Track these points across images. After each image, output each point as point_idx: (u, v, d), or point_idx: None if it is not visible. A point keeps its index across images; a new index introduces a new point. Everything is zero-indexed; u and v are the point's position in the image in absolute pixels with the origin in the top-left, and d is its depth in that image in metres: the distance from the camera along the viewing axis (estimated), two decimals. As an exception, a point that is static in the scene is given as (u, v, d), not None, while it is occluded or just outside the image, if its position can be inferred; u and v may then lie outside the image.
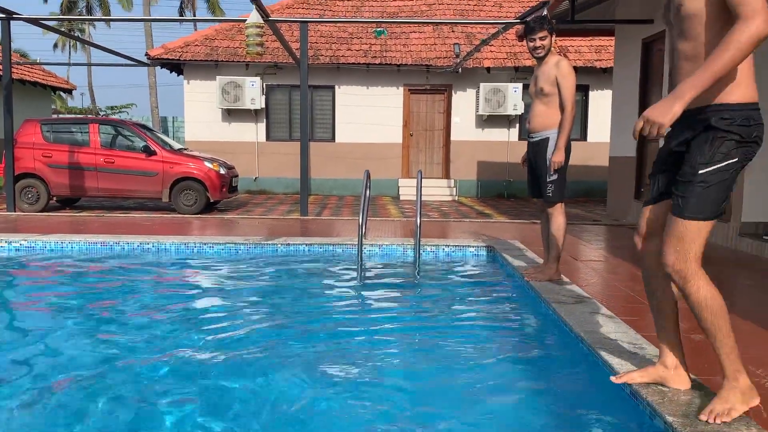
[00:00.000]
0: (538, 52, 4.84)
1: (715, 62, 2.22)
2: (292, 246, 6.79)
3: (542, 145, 4.88)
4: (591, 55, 15.37)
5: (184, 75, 15.50)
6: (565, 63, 4.81)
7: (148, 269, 6.15)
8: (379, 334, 4.12)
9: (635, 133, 2.39)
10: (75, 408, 2.90)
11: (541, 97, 4.86)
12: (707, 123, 2.38)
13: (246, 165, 15.06)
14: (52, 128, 11.25)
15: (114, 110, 38.17)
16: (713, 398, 2.51)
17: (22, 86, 19.09)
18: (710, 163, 2.37)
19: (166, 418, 2.80)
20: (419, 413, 2.92)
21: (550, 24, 4.83)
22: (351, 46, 15.61)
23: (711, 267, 6.21)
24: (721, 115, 2.36)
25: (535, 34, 4.80)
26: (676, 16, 2.46)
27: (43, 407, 2.92)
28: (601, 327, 3.64)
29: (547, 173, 4.86)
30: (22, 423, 2.77)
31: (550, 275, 4.95)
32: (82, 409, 2.88)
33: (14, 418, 2.81)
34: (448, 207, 12.86)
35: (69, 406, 2.92)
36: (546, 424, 2.85)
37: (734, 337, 2.49)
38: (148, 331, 4.10)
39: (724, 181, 2.39)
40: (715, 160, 2.37)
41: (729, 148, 2.36)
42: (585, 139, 15.46)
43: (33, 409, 2.90)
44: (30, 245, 6.77)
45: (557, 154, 4.78)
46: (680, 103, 2.27)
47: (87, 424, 2.76)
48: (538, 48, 4.82)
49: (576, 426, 2.79)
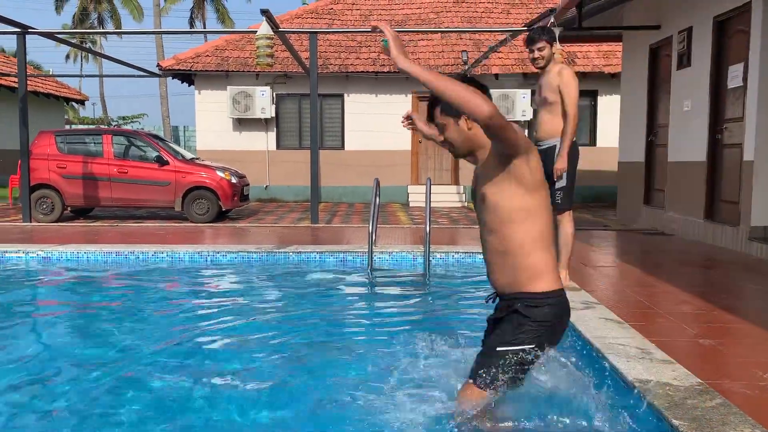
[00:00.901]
0: (538, 63, 4.93)
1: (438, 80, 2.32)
2: (303, 254, 6.87)
3: (550, 152, 4.93)
4: (599, 61, 15.40)
5: (195, 85, 15.67)
6: (567, 71, 4.87)
7: (162, 278, 6.25)
8: (390, 339, 4.17)
9: None
10: (94, 414, 2.98)
11: (546, 105, 4.93)
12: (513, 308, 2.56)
13: (257, 173, 15.17)
14: (66, 139, 11.41)
15: (126, 120, 38.54)
16: None
17: (35, 98, 19.37)
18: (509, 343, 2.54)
19: (188, 413, 2.87)
20: (427, 413, 2.98)
21: (550, 34, 4.90)
22: (360, 55, 15.73)
23: (719, 271, 6.25)
24: (525, 302, 2.54)
25: (534, 44, 4.89)
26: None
27: (61, 415, 3.01)
28: (610, 332, 3.69)
29: (555, 180, 4.91)
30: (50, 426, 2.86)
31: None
32: (98, 415, 2.96)
33: (41, 421, 2.89)
34: (457, 213, 12.91)
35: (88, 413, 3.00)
36: (550, 426, 2.90)
37: None
38: (165, 339, 4.18)
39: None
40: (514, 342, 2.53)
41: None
42: (594, 144, 15.46)
43: (47, 415, 2.99)
44: (46, 255, 6.89)
45: (559, 162, 4.84)
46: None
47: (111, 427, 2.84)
48: (537, 59, 4.91)
49: (580, 429, 2.84)
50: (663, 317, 4.21)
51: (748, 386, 2.93)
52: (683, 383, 2.88)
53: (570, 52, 15.52)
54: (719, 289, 5.21)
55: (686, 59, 8.49)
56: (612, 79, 15.01)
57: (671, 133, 8.97)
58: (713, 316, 4.27)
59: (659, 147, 9.56)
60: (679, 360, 3.20)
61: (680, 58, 8.65)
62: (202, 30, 15.88)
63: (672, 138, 8.96)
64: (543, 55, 4.89)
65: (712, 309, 4.45)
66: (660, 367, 3.08)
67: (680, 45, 8.62)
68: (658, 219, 9.33)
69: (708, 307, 4.52)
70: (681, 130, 8.66)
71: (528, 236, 2.59)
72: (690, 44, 8.38)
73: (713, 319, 4.17)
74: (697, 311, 4.40)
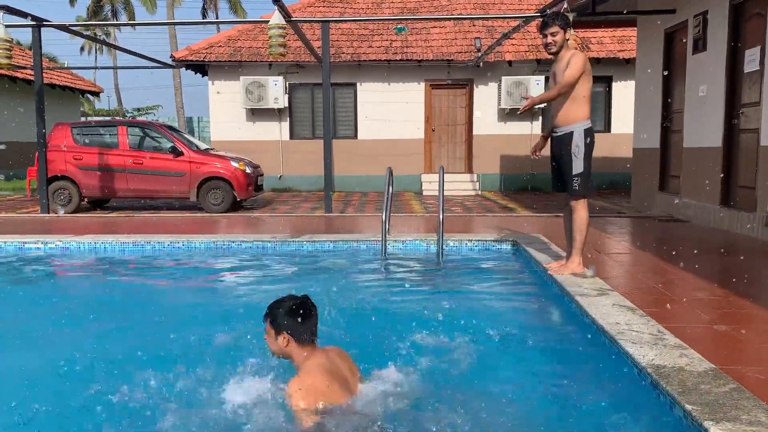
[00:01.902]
0: (550, 48, 4.89)
1: None
2: (318, 243, 6.91)
3: (566, 139, 4.92)
4: (614, 46, 15.25)
5: (209, 76, 15.73)
6: (579, 56, 4.84)
7: (179, 267, 6.32)
8: (403, 325, 4.20)
9: None
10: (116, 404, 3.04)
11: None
12: None
13: (271, 163, 15.23)
14: (82, 131, 11.53)
15: (140, 112, 38.73)
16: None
17: (52, 90, 19.54)
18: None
19: (205, 389, 2.93)
20: (440, 395, 3.01)
21: (564, 20, 4.86)
22: (372, 43, 15.69)
23: (736, 257, 6.21)
24: None
25: (547, 29, 4.86)
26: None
27: (85, 407, 3.07)
28: (623, 318, 3.69)
29: (572, 168, 4.91)
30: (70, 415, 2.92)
31: (572, 269, 4.99)
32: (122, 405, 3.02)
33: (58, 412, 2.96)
34: (471, 202, 12.90)
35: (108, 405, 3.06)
36: (566, 413, 2.92)
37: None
38: (186, 327, 4.24)
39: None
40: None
41: None
42: (609, 131, 15.35)
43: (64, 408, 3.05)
44: (65, 246, 6.99)
45: (529, 101, 4.95)
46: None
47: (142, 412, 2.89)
48: (549, 44, 4.88)
49: (596, 415, 2.86)
50: (677, 304, 4.20)
51: (762, 371, 2.93)
52: (696, 368, 2.88)
53: (584, 38, 15.38)
54: (735, 276, 5.18)
55: (702, 43, 8.39)
56: (627, 65, 14.87)
57: (686, 118, 8.88)
58: (728, 302, 4.25)
59: (674, 133, 9.48)
60: (693, 346, 3.20)
61: (696, 42, 8.55)
62: (215, 20, 15.90)
63: (687, 123, 8.88)
64: (556, 41, 4.85)
65: (727, 295, 4.43)
66: (673, 353, 3.09)
67: (696, 29, 8.52)
68: (673, 205, 9.27)
69: (723, 293, 4.50)
70: (696, 116, 8.58)
71: None
72: (706, 28, 8.28)
73: (728, 306, 4.16)
74: (712, 297, 4.39)
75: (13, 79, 18.18)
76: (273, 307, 2.86)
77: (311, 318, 2.85)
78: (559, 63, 4.91)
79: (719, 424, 2.31)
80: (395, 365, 3.28)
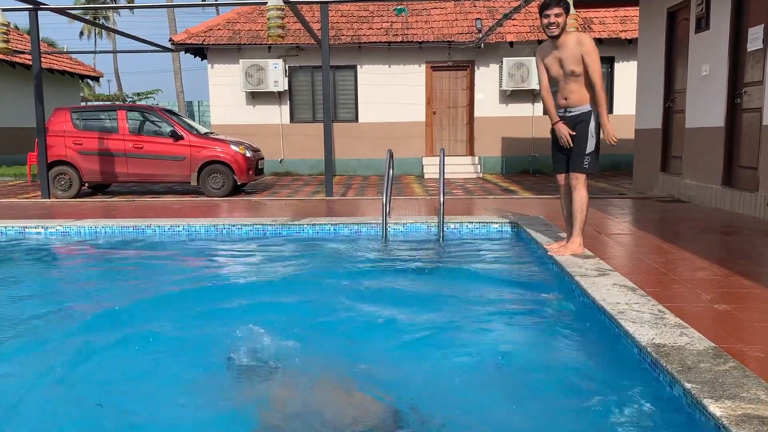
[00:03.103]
0: (552, 30, 4.79)
1: None
2: (318, 226, 6.90)
3: (583, 118, 4.90)
4: (616, 26, 15.12)
5: (208, 59, 15.64)
6: (587, 39, 4.80)
7: (180, 251, 6.32)
8: (403, 307, 4.21)
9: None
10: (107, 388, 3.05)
11: (572, 77, 4.85)
12: None
13: (271, 147, 15.19)
14: (82, 116, 11.49)
15: (140, 96, 38.59)
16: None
17: (50, 75, 19.47)
18: None
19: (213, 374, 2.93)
20: (441, 375, 3.01)
21: (566, 3, 4.79)
22: (372, 25, 15.58)
23: (738, 237, 6.19)
24: None
25: (550, 9, 4.76)
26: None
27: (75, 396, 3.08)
28: (624, 298, 3.69)
29: (586, 146, 4.90)
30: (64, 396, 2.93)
31: (573, 249, 4.98)
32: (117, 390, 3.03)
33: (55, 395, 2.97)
34: (472, 184, 12.87)
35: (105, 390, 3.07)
36: (566, 393, 2.92)
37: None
38: (185, 311, 4.25)
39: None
40: None
41: None
42: (611, 112, 15.25)
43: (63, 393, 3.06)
44: (65, 230, 6.99)
45: (610, 128, 4.82)
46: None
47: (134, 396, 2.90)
48: (552, 24, 4.77)
49: (597, 394, 2.86)
50: (678, 283, 4.19)
51: (762, 350, 2.92)
52: (697, 347, 2.88)
53: (586, 18, 15.25)
54: (736, 255, 5.17)
55: (705, 22, 8.30)
56: (629, 45, 14.76)
57: (689, 98, 8.82)
58: (729, 281, 4.24)
59: (677, 113, 9.42)
60: (694, 325, 3.20)
61: (698, 21, 8.47)
62: (214, 2, 15.77)
63: (690, 103, 8.81)
64: (559, 22, 4.76)
65: (728, 275, 4.42)
66: (673, 332, 3.08)
67: (699, 8, 8.42)
68: (675, 186, 9.23)
69: (724, 272, 4.49)
70: (699, 96, 8.52)
71: None
72: (709, 6, 8.19)
73: (729, 285, 4.15)
74: (713, 277, 4.38)
75: (12, 64, 18.10)
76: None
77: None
78: (565, 48, 4.83)
79: (719, 402, 2.31)
80: (394, 348, 3.29)
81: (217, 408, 2.81)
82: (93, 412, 2.78)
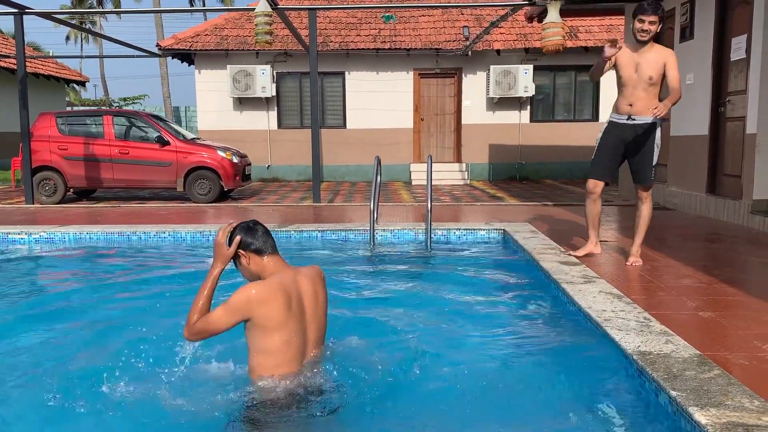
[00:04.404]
0: (643, 36, 4.75)
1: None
2: (305, 232, 6.88)
3: (650, 129, 4.90)
4: (602, 35, 15.24)
5: (195, 65, 15.59)
6: (670, 51, 4.86)
7: (165, 258, 6.27)
8: (389, 314, 4.20)
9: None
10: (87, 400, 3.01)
11: (644, 83, 4.85)
12: None
13: (258, 153, 15.15)
14: (67, 121, 11.40)
15: (127, 101, 38.38)
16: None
17: (36, 79, 19.30)
18: None
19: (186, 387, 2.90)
20: (426, 381, 3.00)
21: (662, 9, 4.76)
22: (360, 32, 15.60)
23: (722, 244, 6.23)
24: None
25: (647, 15, 4.70)
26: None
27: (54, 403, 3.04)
28: (609, 305, 3.70)
29: (653, 158, 4.94)
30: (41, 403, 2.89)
31: (634, 258, 5.02)
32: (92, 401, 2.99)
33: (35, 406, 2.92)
34: (460, 191, 12.90)
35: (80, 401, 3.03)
36: (551, 400, 2.92)
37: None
38: (170, 319, 4.20)
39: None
40: None
41: None
42: (597, 120, 15.37)
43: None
44: (49, 236, 6.92)
45: (662, 107, 4.64)
46: None
47: (111, 411, 2.87)
48: (644, 31, 4.73)
49: (581, 401, 2.86)
50: (663, 290, 4.22)
51: (747, 357, 2.94)
52: (682, 355, 2.89)
53: (572, 27, 15.37)
54: (721, 263, 5.21)
55: (689, 32, 8.40)
56: (615, 54, 14.85)
57: (673, 107, 8.88)
58: (714, 289, 4.27)
59: (662, 121, 9.48)
60: (679, 332, 3.22)
61: (683, 30, 8.56)
62: (201, 8, 15.75)
63: (674, 112, 8.88)
64: (651, 30, 4.74)
65: (713, 282, 4.46)
66: (659, 339, 3.10)
67: (683, 17, 8.52)
68: (660, 194, 9.30)
69: (709, 280, 4.52)
70: (683, 104, 8.58)
71: None
72: (693, 16, 8.29)
73: (714, 292, 4.18)
74: (698, 284, 4.41)
75: (-4, 68, 17.95)
76: (229, 238, 2.83)
77: (257, 228, 2.82)
78: (649, 53, 4.81)
79: (704, 410, 2.32)
80: (375, 349, 3.27)
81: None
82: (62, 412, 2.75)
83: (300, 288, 2.76)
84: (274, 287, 2.64)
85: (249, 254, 2.77)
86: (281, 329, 2.63)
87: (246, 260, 2.78)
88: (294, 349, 2.69)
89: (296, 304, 2.70)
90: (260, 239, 2.79)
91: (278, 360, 2.66)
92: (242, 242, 2.77)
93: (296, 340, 2.69)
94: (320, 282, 2.91)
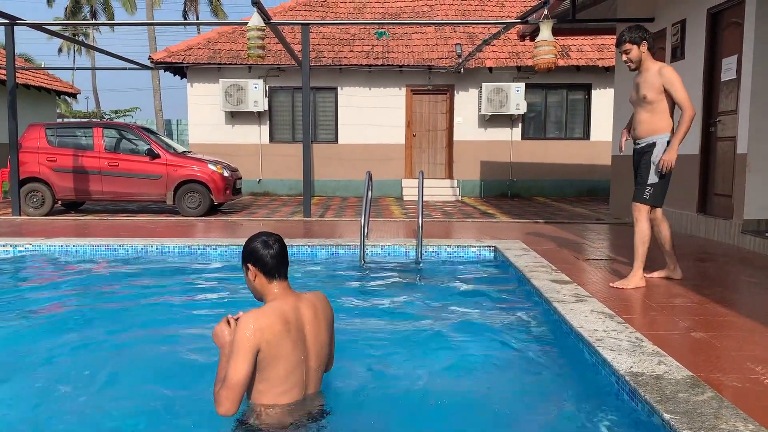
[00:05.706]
0: (629, 65, 4.89)
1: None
2: (295, 247, 6.81)
3: (647, 149, 4.88)
4: (593, 54, 15.36)
5: (188, 78, 15.57)
6: (668, 70, 4.78)
7: (152, 272, 6.18)
8: (380, 332, 4.14)
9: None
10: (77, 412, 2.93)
11: (644, 104, 4.84)
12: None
13: (249, 167, 15.10)
14: (56, 132, 11.31)
15: (118, 114, 38.25)
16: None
17: (26, 91, 19.17)
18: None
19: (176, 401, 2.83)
20: (414, 399, 2.95)
21: (634, 33, 4.76)
22: (353, 48, 15.65)
23: (713, 264, 6.21)
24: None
25: (619, 46, 4.87)
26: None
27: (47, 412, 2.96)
28: (601, 325, 3.66)
29: (648, 176, 4.86)
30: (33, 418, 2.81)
31: (635, 283, 4.86)
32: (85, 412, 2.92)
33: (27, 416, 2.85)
34: (451, 207, 12.88)
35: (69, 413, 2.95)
36: (543, 420, 2.87)
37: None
38: (153, 330, 4.13)
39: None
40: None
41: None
42: (588, 138, 15.45)
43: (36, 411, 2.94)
44: (34, 249, 6.82)
45: (669, 153, 4.68)
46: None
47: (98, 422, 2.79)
48: (625, 61, 4.88)
49: (573, 422, 2.81)
50: (655, 310, 4.18)
51: (740, 379, 2.90)
52: (675, 376, 2.85)
53: (564, 46, 15.48)
54: (712, 283, 5.19)
55: (680, 52, 8.45)
56: (606, 73, 14.98)
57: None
58: (706, 309, 4.24)
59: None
60: (671, 353, 3.18)
61: (674, 50, 8.62)
62: (194, 21, 15.77)
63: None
64: (630, 58, 4.81)
65: (705, 302, 4.43)
66: (651, 360, 3.05)
67: (674, 37, 8.58)
68: (652, 212, 9.31)
69: (701, 300, 4.49)
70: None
71: None
72: (684, 36, 8.35)
73: (706, 312, 4.15)
74: (690, 304, 4.38)
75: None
76: (245, 243, 2.73)
77: (274, 248, 2.66)
78: (644, 74, 4.82)
79: (698, 434, 2.27)
80: (368, 368, 3.22)
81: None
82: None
83: (301, 315, 2.67)
84: (270, 315, 2.56)
85: (257, 272, 2.67)
86: (280, 357, 2.56)
87: (252, 276, 2.69)
88: (294, 377, 2.61)
89: (296, 332, 2.61)
90: (272, 261, 2.65)
91: (279, 388, 2.58)
92: (254, 258, 2.66)
93: (296, 367, 2.61)
94: (323, 309, 2.80)
